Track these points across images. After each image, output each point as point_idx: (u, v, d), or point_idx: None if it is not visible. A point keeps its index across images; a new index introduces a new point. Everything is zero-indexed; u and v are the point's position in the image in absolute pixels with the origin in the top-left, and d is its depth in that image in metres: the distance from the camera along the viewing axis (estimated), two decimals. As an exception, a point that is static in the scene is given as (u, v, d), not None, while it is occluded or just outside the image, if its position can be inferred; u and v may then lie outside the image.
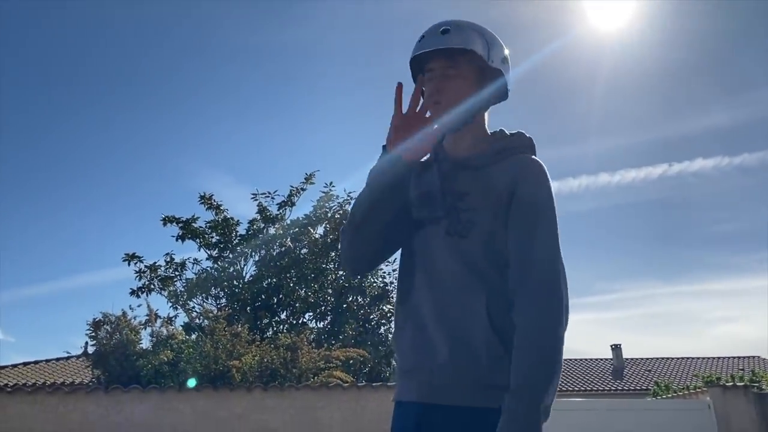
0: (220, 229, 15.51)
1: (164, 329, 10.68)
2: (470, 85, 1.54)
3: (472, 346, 1.41)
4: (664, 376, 23.22)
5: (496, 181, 1.49)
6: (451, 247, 1.48)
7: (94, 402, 8.26)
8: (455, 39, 1.51)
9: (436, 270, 1.49)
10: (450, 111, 1.52)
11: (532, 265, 1.42)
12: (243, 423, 8.57)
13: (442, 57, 1.54)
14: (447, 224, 1.50)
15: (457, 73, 1.53)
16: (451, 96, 1.52)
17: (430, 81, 1.55)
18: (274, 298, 15.10)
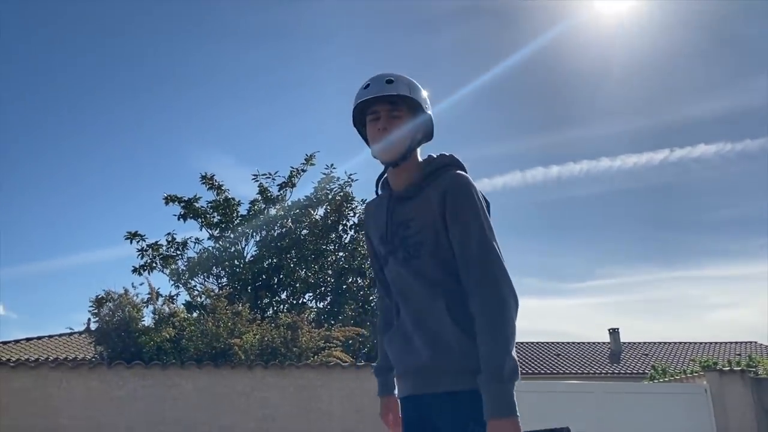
0: (222, 209, 15.54)
1: (166, 307, 10.75)
2: (411, 126, 1.85)
3: (443, 344, 1.72)
4: (662, 360, 23.37)
5: (431, 199, 1.78)
6: (409, 270, 1.80)
7: (96, 377, 8.34)
8: (400, 87, 1.82)
9: (405, 291, 1.83)
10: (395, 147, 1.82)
11: (471, 265, 1.70)
12: (243, 400, 8.67)
13: (386, 102, 1.83)
14: (402, 252, 1.81)
15: (400, 115, 1.83)
16: (396, 135, 1.82)
17: (374, 122, 1.85)
18: (274, 278, 15.17)
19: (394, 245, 1.84)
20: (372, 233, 1.98)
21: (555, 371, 23.91)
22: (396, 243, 1.83)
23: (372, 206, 2.01)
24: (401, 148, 1.83)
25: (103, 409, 8.19)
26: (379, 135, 1.82)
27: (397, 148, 1.82)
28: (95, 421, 8.12)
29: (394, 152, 1.83)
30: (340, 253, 15.65)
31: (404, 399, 1.88)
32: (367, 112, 1.87)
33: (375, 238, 1.95)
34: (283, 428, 8.64)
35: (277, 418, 8.67)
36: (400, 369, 1.89)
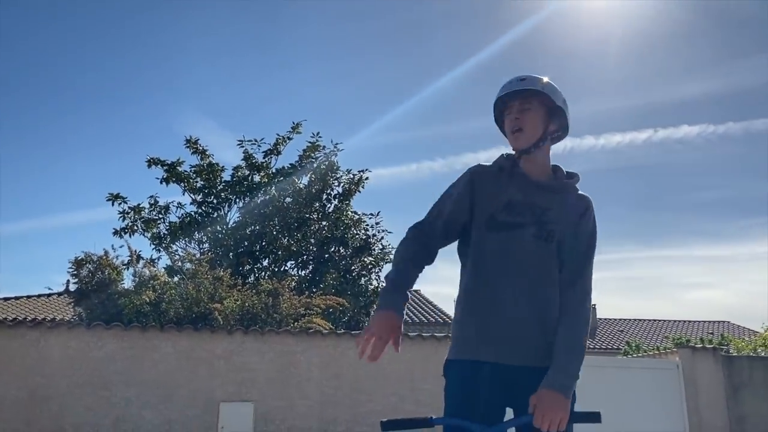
0: (205, 174, 15.40)
1: (146, 270, 10.70)
2: (542, 118, 2.03)
3: (548, 323, 1.95)
4: (636, 337, 23.83)
5: (571, 207, 2.04)
6: (538, 249, 1.98)
7: (75, 337, 8.32)
8: (529, 84, 2.02)
9: (525, 264, 1.97)
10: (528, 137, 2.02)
11: (582, 278, 2.00)
12: (223, 364, 8.71)
13: (519, 98, 2.03)
14: (535, 230, 1.99)
15: (531, 108, 2.02)
16: (527, 124, 2.02)
17: (509, 116, 2.07)
18: (256, 245, 15.14)
19: (526, 219, 2.00)
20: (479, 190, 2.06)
21: None
22: (530, 219, 2.00)
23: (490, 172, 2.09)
24: (531, 138, 2.02)
25: (81, 370, 8.19)
26: (512, 125, 2.04)
27: (527, 137, 2.02)
28: (72, 381, 8.13)
29: (525, 140, 2.02)
30: (324, 222, 15.63)
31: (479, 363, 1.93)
32: (505, 109, 2.09)
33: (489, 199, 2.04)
34: (261, 393, 8.71)
35: (256, 382, 8.74)
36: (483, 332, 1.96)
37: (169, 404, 8.32)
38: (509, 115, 2.06)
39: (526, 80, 2.03)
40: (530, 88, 2.01)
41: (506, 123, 2.08)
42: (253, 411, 8.55)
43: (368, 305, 15.25)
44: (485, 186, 2.05)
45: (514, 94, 2.03)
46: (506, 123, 2.08)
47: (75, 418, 7.99)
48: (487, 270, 1.98)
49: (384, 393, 9.18)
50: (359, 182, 16.03)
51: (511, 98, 2.04)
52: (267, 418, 8.62)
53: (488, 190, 2.05)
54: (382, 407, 9.07)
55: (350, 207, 15.95)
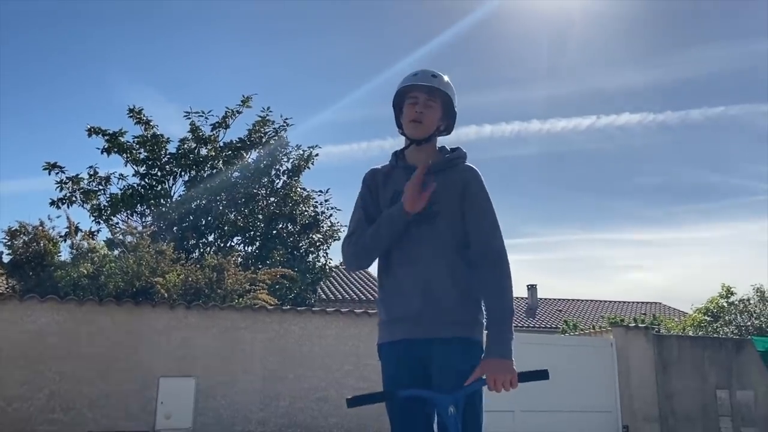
0: (149, 146, 14.94)
1: (85, 242, 10.36)
2: (439, 116, 2.24)
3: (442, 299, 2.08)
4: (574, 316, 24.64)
5: (451, 182, 2.16)
6: (423, 231, 2.12)
7: (7, 310, 8.02)
8: (442, 83, 2.22)
9: (414, 250, 2.12)
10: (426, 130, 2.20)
11: (488, 245, 2.11)
12: (164, 338, 8.57)
13: (426, 92, 2.20)
14: (418, 215, 2.10)
15: (434, 105, 2.21)
16: (428, 119, 2.20)
17: (413, 105, 2.21)
18: (202, 219, 14.85)
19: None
20: (375, 190, 2.28)
21: None
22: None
23: (381, 172, 2.31)
24: (427, 131, 2.21)
25: (14, 342, 7.91)
26: (414, 115, 2.19)
27: (426, 129, 2.20)
28: (4, 353, 7.85)
29: (424, 132, 2.20)
30: (272, 198, 15.45)
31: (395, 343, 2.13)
32: (408, 96, 2.23)
33: (382, 196, 2.25)
34: (205, 367, 8.62)
35: (198, 357, 8.64)
36: (392, 316, 2.16)
37: (107, 379, 8.14)
38: (413, 104, 2.21)
39: (438, 78, 2.21)
40: (440, 88, 2.20)
41: (407, 110, 2.22)
42: (194, 386, 8.46)
43: (315, 282, 15.23)
44: (378, 185, 2.28)
45: (421, 86, 2.19)
46: (407, 110, 2.22)
47: (7, 391, 7.74)
48: (389, 261, 2.19)
49: (329, 369, 9.22)
50: (309, 158, 15.89)
51: (419, 90, 2.20)
52: (208, 393, 8.55)
53: (381, 189, 2.27)
54: (325, 383, 9.11)
55: (299, 183, 15.80)
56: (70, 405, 7.92)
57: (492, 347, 2.00)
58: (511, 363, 1.98)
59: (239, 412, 8.60)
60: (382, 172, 2.31)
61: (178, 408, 8.28)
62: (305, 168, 15.95)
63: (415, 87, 2.21)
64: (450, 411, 1.88)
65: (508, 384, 1.95)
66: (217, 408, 8.53)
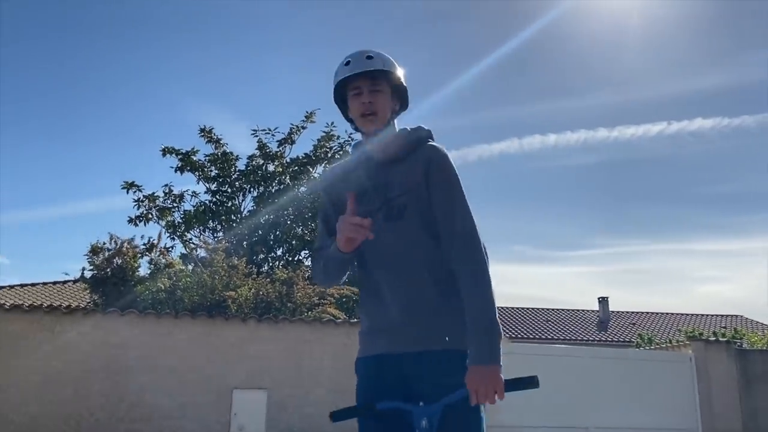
0: (219, 163, 15.47)
1: (162, 258, 10.79)
2: (389, 99, 1.95)
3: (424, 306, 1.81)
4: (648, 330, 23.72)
5: (414, 167, 1.87)
6: (391, 231, 1.84)
7: (91, 324, 8.43)
8: (378, 63, 1.91)
9: (387, 251, 1.85)
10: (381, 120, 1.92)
11: (452, 226, 1.81)
12: (236, 351, 8.79)
13: (367, 78, 1.91)
14: (385, 212, 1.86)
15: (382, 89, 1.92)
16: (380, 107, 1.91)
17: (357, 96, 1.93)
18: (270, 234, 15.20)
19: (374, 204, 1.89)
20: (335, 192, 2.00)
21: (543, 337, 24.25)
22: (377, 203, 1.89)
23: (339, 168, 2.07)
24: (384, 120, 1.94)
25: (96, 355, 8.30)
26: (364, 108, 1.91)
27: (381, 119, 1.93)
28: (87, 365, 8.24)
29: (380, 123, 1.93)
30: (338, 212, 15.64)
31: (374, 357, 1.88)
32: (349, 88, 1.95)
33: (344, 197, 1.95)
34: (274, 380, 8.79)
35: (268, 370, 8.81)
36: (372, 326, 1.91)
37: (183, 391, 8.41)
38: (358, 96, 1.92)
39: (375, 59, 1.91)
40: (382, 68, 1.91)
41: (353, 104, 1.94)
42: (266, 398, 8.63)
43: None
44: (337, 187, 2.00)
45: (360, 74, 1.90)
46: (353, 104, 1.94)
47: (90, 402, 8.11)
48: (365, 268, 1.94)
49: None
50: (373, 172, 16.03)
51: (360, 78, 1.91)
52: (280, 405, 8.70)
53: (341, 190, 1.96)
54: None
55: (365, 197, 15.95)
56: (149, 416, 8.23)
57: (472, 353, 1.69)
58: (494, 369, 1.66)
59: (310, 425, 8.71)
60: (342, 170, 2.03)
61: (251, 420, 8.46)
62: (370, 181, 16.10)
63: (354, 76, 1.91)
64: (423, 424, 1.71)
65: (492, 395, 1.65)
66: (288, 420, 8.67)
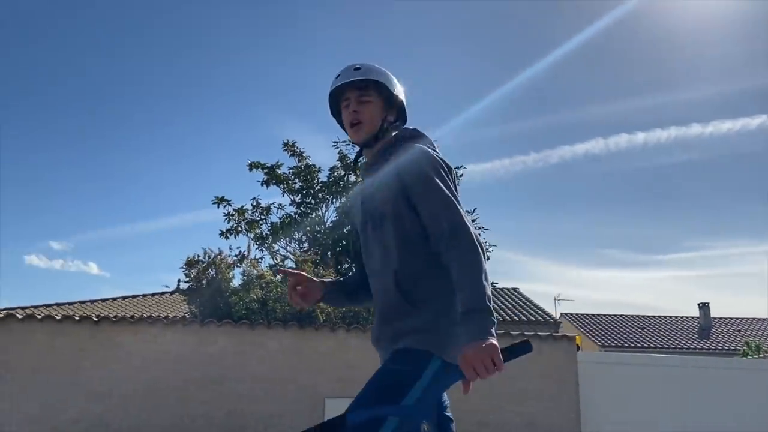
0: (303, 176, 15.82)
1: (253, 269, 11.11)
2: (381, 108, 1.96)
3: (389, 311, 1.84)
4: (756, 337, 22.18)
5: (388, 173, 1.87)
6: (375, 240, 1.89)
7: (190, 334, 8.76)
8: (366, 73, 1.95)
9: (374, 261, 1.92)
10: (368, 130, 1.94)
11: (438, 223, 1.77)
12: (327, 360, 8.88)
13: (356, 89, 1.95)
14: (371, 223, 1.90)
15: (370, 99, 1.94)
16: (366, 117, 1.93)
17: (347, 108, 1.97)
18: (354, 244, 15.36)
19: (365, 216, 1.94)
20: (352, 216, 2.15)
21: (639, 345, 23.12)
22: (366, 216, 1.93)
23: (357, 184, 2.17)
24: (371, 130, 1.94)
25: (196, 364, 8.60)
26: (350, 118, 1.95)
27: (366, 130, 1.94)
28: (188, 375, 8.55)
29: (366, 132, 1.94)
30: (420, 221, 15.63)
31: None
32: (341, 100, 2.00)
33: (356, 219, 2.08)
34: (365, 389, 8.81)
35: (358, 378, 8.82)
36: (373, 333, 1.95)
37: (277, 399, 8.58)
38: (347, 107, 1.98)
39: (362, 69, 1.96)
40: (367, 78, 1.94)
41: (344, 116, 2.00)
42: (357, 407, 8.66)
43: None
44: (352, 210, 2.10)
45: (350, 84, 1.95)
46: (344, 116, 2.00)
47: (192, 410, 8.41)
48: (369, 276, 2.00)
49: (488, 392, 9.04)
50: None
51: (348, 90, 1.97)
52: (371, 414, 8.70)
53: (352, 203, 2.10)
54: (485, 407, 8.93)
55: (446, 204, 15.87)
56: (246, 423, 8.44)
57: (463, 337, 1.65)
58: (484, 341, 1.61)
59: (401, 434, 8.66)
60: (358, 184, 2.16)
61: (343, 429, 8.51)
62: (451, 189, 16.00)
63: (343, 88, 1.97)
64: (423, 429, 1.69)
65: (490, 364, 1.61)
66: (379, 430, 8.65)
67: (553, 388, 9.21)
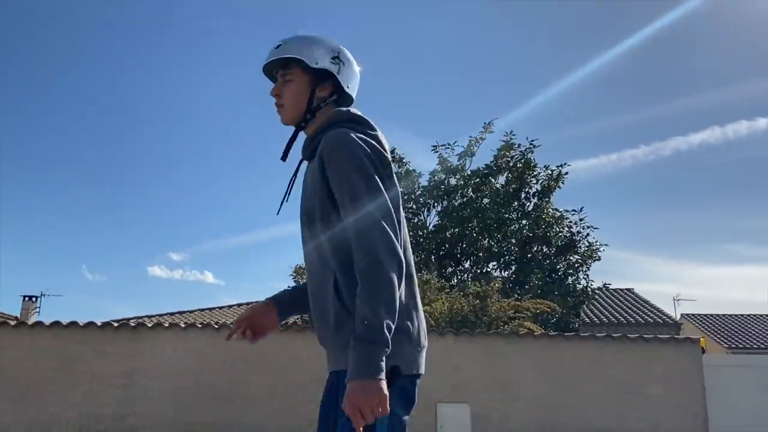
0: (403, 181, 15.97)
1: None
2: (304, 87, 1.73)
3: (328, 322, 1.60)
4: None
5: (315, 164, 1.65)
6: (308, 238, 1.68)
7: (301, 338, 9.04)
8: (284, 50, 1.74)
9: (306, 262, 1.72)
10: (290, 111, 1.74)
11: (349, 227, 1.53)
12: (436, 366, 8.85)
13: (280, 67, 1.77)
14: (304, 218, 1.69)
15: (292, 78, 1.73)
16: (287, 98, 1.74)
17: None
18: (457, 247, 15.31)
19: (300, 210, 1.74)
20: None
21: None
22: (301, 209, 1.73)
23: None
24: (296, 111, 1.74)
25: (323, 368, 8.84)
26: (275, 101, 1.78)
27: (290, 111, 1.75)
28: (313, 379, 8.80)
29: (289, 115, 1.76)
30: (524, 222, 15.32)
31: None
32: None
33: None
34: (477, 394, 8.72)
35: (469, 383, 8.77)
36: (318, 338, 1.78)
37: (390, 404, 8.66)
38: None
39: (282, 46, 1.75)
40: (284, 56, 1.73)
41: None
42: (469, 413, 8.59)
43: (577, 305, 14.62)
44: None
45: (274, 63, 1.76)
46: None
47: (317, 413, 8.65)
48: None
49: (606, 399, 8.69)
50: (558, 178, 15.48)
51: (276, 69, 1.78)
52: (483, 420, 8.60)
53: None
54: (603, 414, 8.59)
55: (551, 204, 15.46)
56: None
57: (349, 367, 1.43)
58: (374, 382, 1.40)
59: (515, 440, 8.50)
60: None
61: (456, 434, 8.48)
62: (555, 188, 15.57)
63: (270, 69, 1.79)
64: None
65: (377, 408, 1.40)
66: (492, 435, 8.54)
67: (677, 393, 8.71)
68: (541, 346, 9.02)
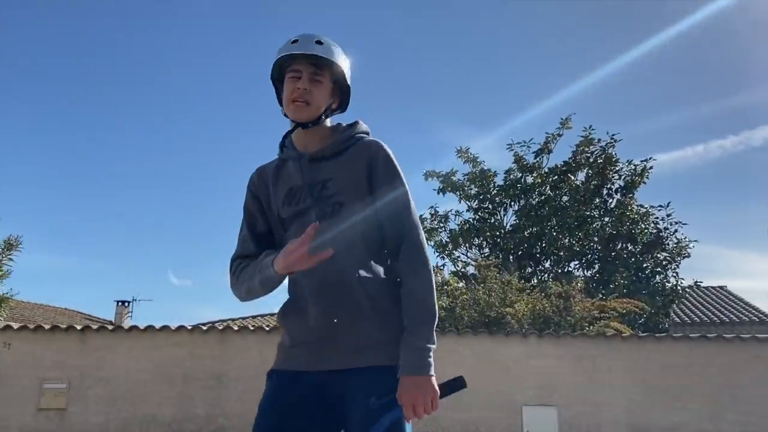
0: (478, 181, 15.78)
1: (439, 277, 11.28)
2: (330, 93, 1.77)
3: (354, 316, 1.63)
4: None
5: (354, 163, 1.72)
6: (325, 229, 1.64)
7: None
8: (328, 51, 1.73)
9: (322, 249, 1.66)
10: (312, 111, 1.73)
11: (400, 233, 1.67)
12: (521, 367, 8.70)
13: (310, 64, 1.73)
14: (317, 210, 1.69)
15: (322, 80, 1.73)
16: (315, 98, 1.72)
17: (294, 80, 1.73)
18: (536, 247, 14.98)
19: (307, 203, 1.73)
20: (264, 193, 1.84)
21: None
22: (311, 201, 1.73)
23: (270, 169, 1.86)
24: (317, 112, 1.75)
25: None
26: (297, 94, 1.73)
27: (313, 111, 1.74)
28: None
29: (310, 114, 1.74)
30: (606, 219, 14.82)
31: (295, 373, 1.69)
32: (290, 69, 1.76)
33: (274, 198, 1.82)
34: (562, 396, 8.49)
35: (555, 386, 8.55)
36: (296, 340, 1.72)
37: (474, 406, 8.56)
38: (295, 80, 1.73)
39: (324, 45, 1.73)
40: (328, 57, 1.72)
41: (288, 86, 1.74)
42: (557, 415, 8.37)
43: (666, 305, 13.99)
44: (265, 186, 1.84)
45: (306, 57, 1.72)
46: (288, 86, 1.74)
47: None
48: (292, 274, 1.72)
49: (703, 402, 8.27)
50: (642, 173, 14.88)
51: (301, 61, 1.73)
52: (572, 423, 8.36)
53: (269, 190, 1.82)
54: (699, 418, 8.17)
55: (635, 200, 14.88)
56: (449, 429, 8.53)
57: (404, 362, 1.58)
58: (428, 379, 1.57)
59: (606, 445, 8.21)
60: (271, 169, 1.84)
61: (543, 437, 8.28)
62: (639, 183, 14.98)
63: (297, 57, 1.72)
64: None
65: (429, 406, 1.56)
66: (582, 439, 8.29)
67: (780, 396, 8.19)
68: (630, 347, 8.68)
